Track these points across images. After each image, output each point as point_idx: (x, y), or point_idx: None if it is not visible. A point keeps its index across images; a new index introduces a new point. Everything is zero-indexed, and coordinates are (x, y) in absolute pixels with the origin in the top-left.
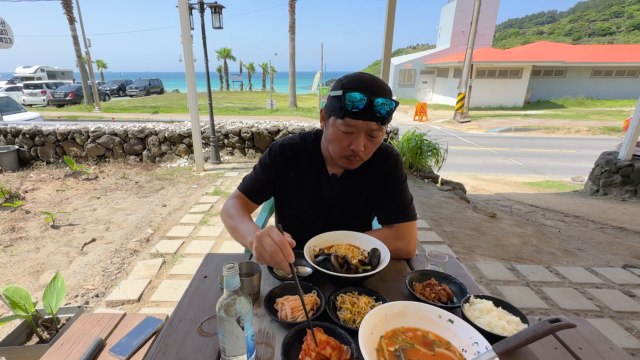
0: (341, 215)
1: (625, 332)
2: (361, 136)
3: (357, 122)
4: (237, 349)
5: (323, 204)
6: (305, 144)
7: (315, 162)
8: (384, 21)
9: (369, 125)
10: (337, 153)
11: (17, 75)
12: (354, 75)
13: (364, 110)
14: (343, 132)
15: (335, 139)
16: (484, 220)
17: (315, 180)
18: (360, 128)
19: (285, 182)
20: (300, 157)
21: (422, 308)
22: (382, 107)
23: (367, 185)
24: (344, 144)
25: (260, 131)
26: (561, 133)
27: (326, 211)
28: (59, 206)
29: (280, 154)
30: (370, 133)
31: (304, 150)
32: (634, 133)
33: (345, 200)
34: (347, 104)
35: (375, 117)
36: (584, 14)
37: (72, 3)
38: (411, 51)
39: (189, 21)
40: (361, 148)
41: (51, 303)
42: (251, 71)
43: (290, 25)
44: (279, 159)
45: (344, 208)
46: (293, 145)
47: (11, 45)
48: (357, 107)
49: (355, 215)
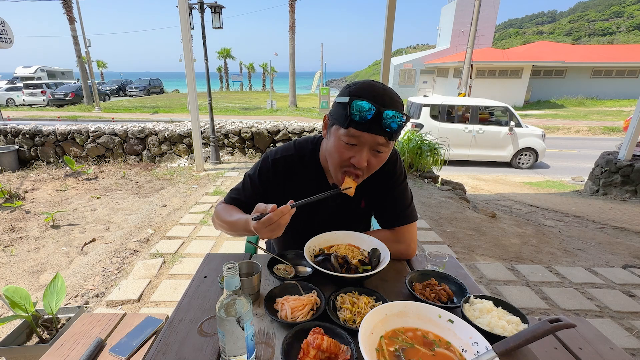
0: (342, 222)
1: (625, 332)
2: (365, 150)
3: (363, 134)
4: (237, 349)
5: (323, 215)
6: (302, 154)
7: (313, 174)
8: (384, 21)
9: (376, 139)
10: (335, 165)
11: (17, 75)
12: (364, 82)
13: (372, 122)
14: (346, 143)
15: (336, 150)
16: (484, 220)
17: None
18: (365, 141)
19: (280, 196)
20: (296, 169)
21: (422, 308)
22: (393, 120)
23: (368, 188)
24: (345, 157)
25: (260, 131)
26: (561, 133)
27: (326, 220)
28: (59, 206)
29: (273, 170)
30: (376, 148)
31: (300, 162)
32: (634, 133)
33: (346, 208)
34: (353, 113)
35: (383, 130)
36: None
37: (72, 3)
38: (411, 51)
39: (189, 21)
40: (363, 163)
41: (51, 303)
42: (251, 71)
43: (290, 25)
44: (272, 176)
45: (345, 215)
46: (287, 158)
47: (11, 45)
48: (364, 118)
49: (356, 219)
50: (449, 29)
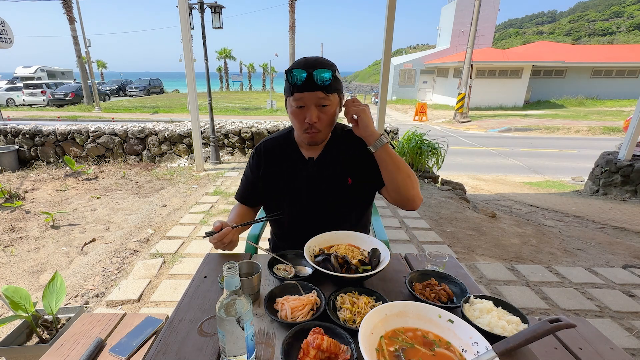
0: (332, 197)
1: (625, 332)
2: (312, 107)
3: (304, 94)
4: (237, 349)
5: (308, 188)
6: (278, 136)
7: (290, 150)
8: (384, 21)
9: (316, 94)
10: (298, 130)
11: (17, 75)
12: (300, 58)
13: (306, 83)
14: (296, 107)
15: (293, 116)
16: (484, 220)
17: (292, 165)
18: (308, 100)
19: (269, 178)
20: (275, 150)
21: (422, 308)
22: (322, 76)
23: (348, 164)
24: (300, 119)
25: (260, 131)
26: (561, 133)
27: (313, 195)
28: (59, 206)
29: (256, 153)
30: (319, 102)
31: (278, 143)
32: (634, 133)
33: (329, 181)
34: (291, 81)
35: (317, 86)
36: (584, 14)
37: (72, 3)
38: (411, 51)
39: (189, 21)
40: (314, 118)
41: (51, 303)
42: (251, 71)
43: (290, 25)
44: (256, 158)
45: (330, 189)
46: (266, 143)
47: (11, 45)
48: (300, 81)
49: (346, 197)
50: (449, 29)
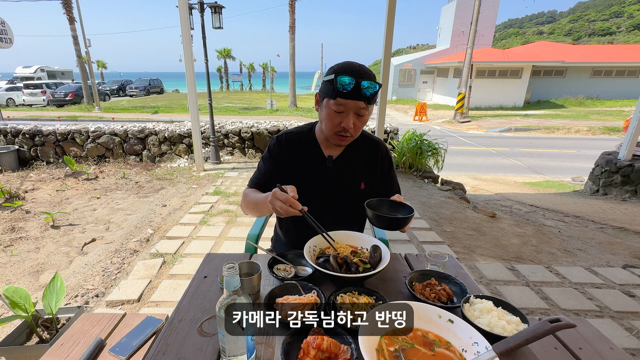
0: (343, 197)
1: (625, 332)
2: (350, 114)
3: (347, 101)
4: (237, 349)
5: (323, 185)
6: (300, 132)
7: (310, 146)
8: (384, 21)
9: (357, 104)
10: (330, 130)
11: (17, 75)
12: (344, 62)
13: (353, 91)
14: (335, 111)
15: (328, 118)
16: (484, 220)
17: (312, 161)
18: (349, 107)
19: (286, 169)
20: (296, 143)
21: (422, 308)
22: (368, 89)
23: (363, 169)
24: (336, 122)
25: (260, 131)
26: (561, 133)
27: (327, 192)
28: (59, 206)
29: (277, 144)
30: (358, 112)
31: (299, 138)
32: (634, 133)
33: (344, 182)
34: (338, 86)
35: (362, 97)
36: (584, 14)
37: (72, 3)
38: (411, 51)
39: (189, 21)
40: (351, 125)
41: (51, 303)
42: (251, 71)
43: (290, 25)
44: (277, 149)
45: (344, 189)
46: (289, 134)
47: (11, 45)
48: (346, 89)
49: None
50: (449, 29)
